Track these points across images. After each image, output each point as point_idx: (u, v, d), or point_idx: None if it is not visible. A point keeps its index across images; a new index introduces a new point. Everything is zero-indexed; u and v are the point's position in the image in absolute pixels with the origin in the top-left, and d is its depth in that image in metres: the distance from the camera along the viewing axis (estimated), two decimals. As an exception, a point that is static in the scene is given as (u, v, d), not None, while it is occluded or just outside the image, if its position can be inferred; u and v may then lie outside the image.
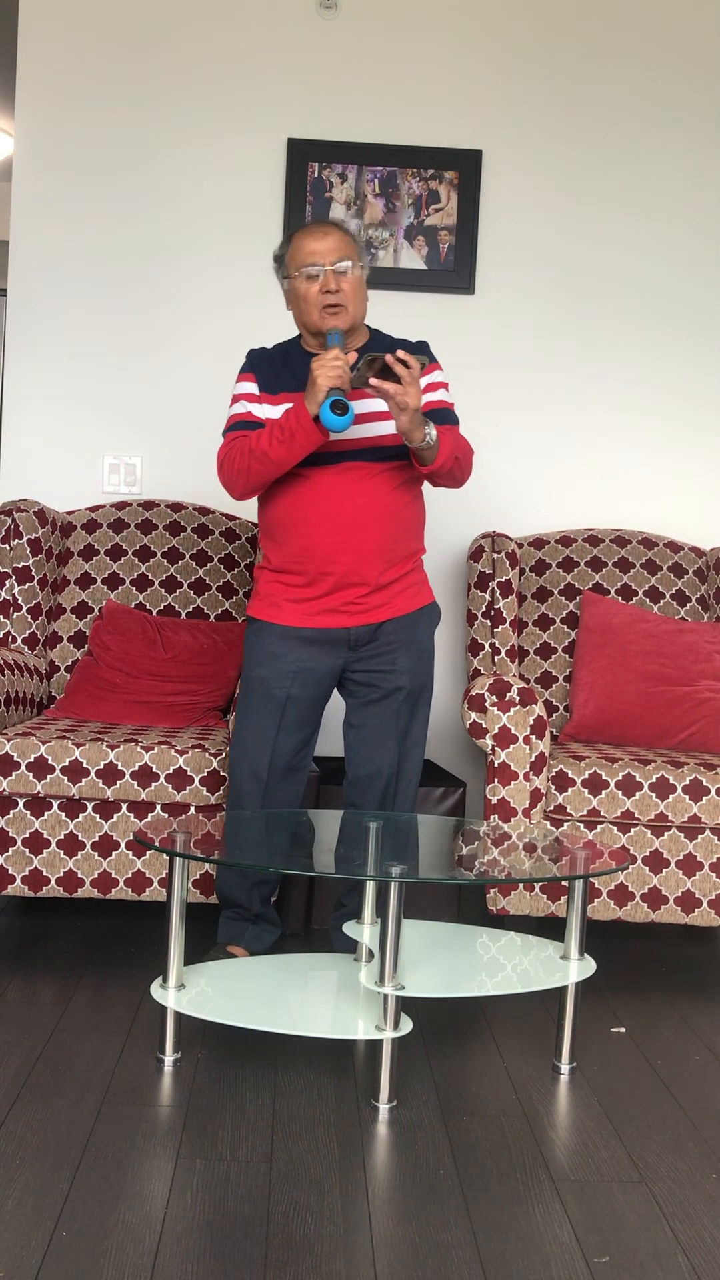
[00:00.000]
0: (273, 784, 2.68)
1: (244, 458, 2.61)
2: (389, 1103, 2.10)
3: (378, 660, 2.69)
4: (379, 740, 2.71)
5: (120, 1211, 1.73)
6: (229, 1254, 1.64)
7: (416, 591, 2.73)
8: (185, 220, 3.75)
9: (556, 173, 3.79)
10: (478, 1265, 1.64)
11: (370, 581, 2.65)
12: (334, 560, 2.63)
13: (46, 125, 3.72)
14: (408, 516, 2.70)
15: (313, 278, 2.62)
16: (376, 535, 2.64)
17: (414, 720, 2.74)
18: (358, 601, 2.66)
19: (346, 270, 2.62)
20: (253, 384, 2.71)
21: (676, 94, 3.78)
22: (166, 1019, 2.25)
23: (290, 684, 2.66)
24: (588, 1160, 1.96)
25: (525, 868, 2.39)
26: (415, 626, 2.72)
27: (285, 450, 2.56)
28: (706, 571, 3.63)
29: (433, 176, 3.74)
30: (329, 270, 2.61)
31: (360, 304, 2.67)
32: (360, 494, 2.63)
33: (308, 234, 2.64)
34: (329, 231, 2.64)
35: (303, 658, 2.66)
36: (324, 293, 2.61)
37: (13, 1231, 1.67)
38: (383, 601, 2.68)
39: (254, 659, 2.70)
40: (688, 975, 2.91)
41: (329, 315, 2.63)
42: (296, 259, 2.64)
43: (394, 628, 2.69)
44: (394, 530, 2.66)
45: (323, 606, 2.66)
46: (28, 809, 2.85)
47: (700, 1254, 1.69)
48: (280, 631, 2.68)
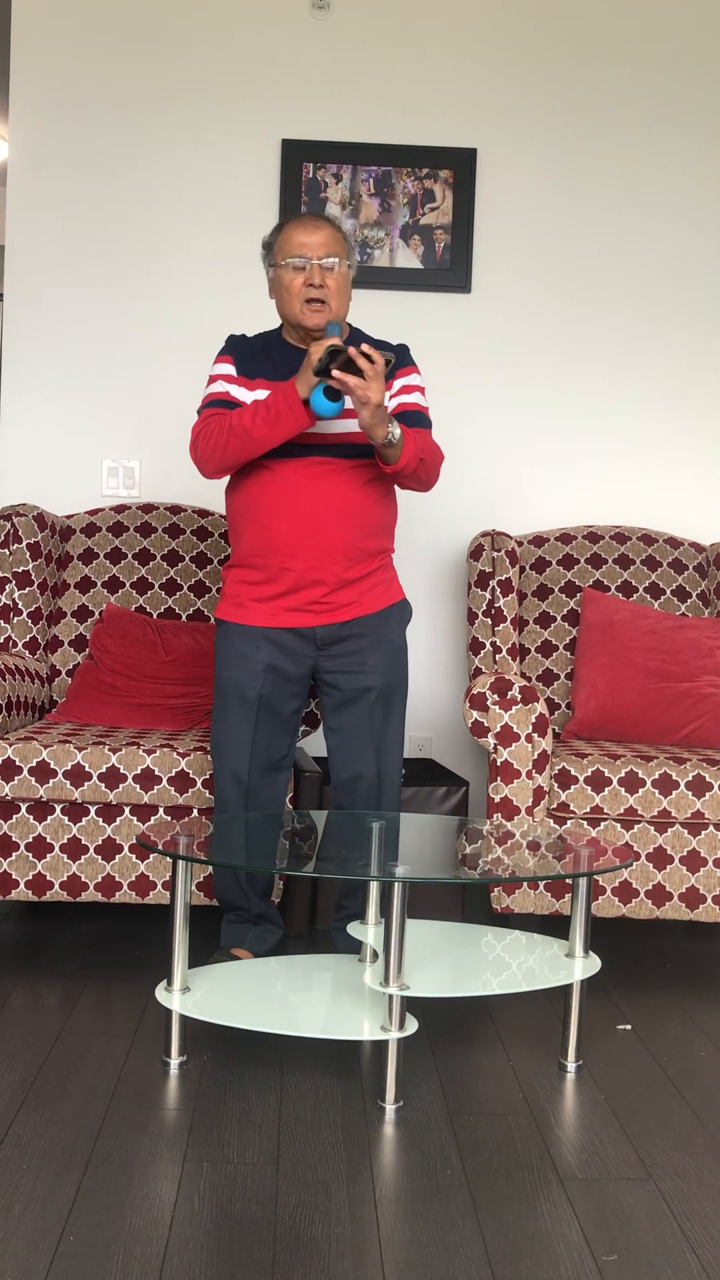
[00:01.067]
0: (254, 785, 2.68)
1: (221, 434, 2.59)
2: (395, 1103, 2.10)
3: (347, 660, 2.68)
4: (355, 744, 2.70)
5: (127, 1215, 1.73)
6: (237, 1256, 1.63)
7: (384, 590, 2.72)
8: (181, 222, 3.75)
9: (552, 171, 3.79)
10: (486, 1265, 1.64)
11: (330, 580, 2.63)
12: (294, 556, 2.62)
13: (41, 128, 3.72)
14: (374, 515, 2.68)
15: (298, 269, 2.61)
16: (339, 532, 2.62)
17: (388, 721, 2.72)
18: (322, 600, 2.64)
19: (333, 266, 2.61)
20: (230, 365, 2.70)
21: (672, 92, 3.78)
22: (171, 1022, 2.25)
23: (261, 684, 2.65)
24: (595, 1158, 1.96)
25: (529, 866, 2.38)
26: (384, 625, 2.70)
27: (269, 429, 2.54)
28: (706, 567, 3.63)
29: (428, 176, 3.74)
30: (315, 264, 2.60)
31: (343, 302, 2.66)
32: (325, 490, 2.61)
33: (299, 225, 2.63)
34: (320, 226, 2.63)
35: (271, 656, 2.65)
36: (308, 286, 2.60)
37: (20, 1236, 1.66)
38: (348, 600, 2.66)
39: (224, 661, 2.69)
40: (693, 971, 2.91)
41: (309, 310, 2.62)
42: (285, 249, 2.63)
43: (362, 627, 2.68)
44: (358, 528, 2.64)
45: (287, 605, 2.65)
46: (30, 814, 2.85)
47: (709, 1251, 1.69)
48: (246, 632, 2.67)
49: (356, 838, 2.46)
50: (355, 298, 3.72)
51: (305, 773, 3.05)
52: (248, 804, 2.68)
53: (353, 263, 2.68)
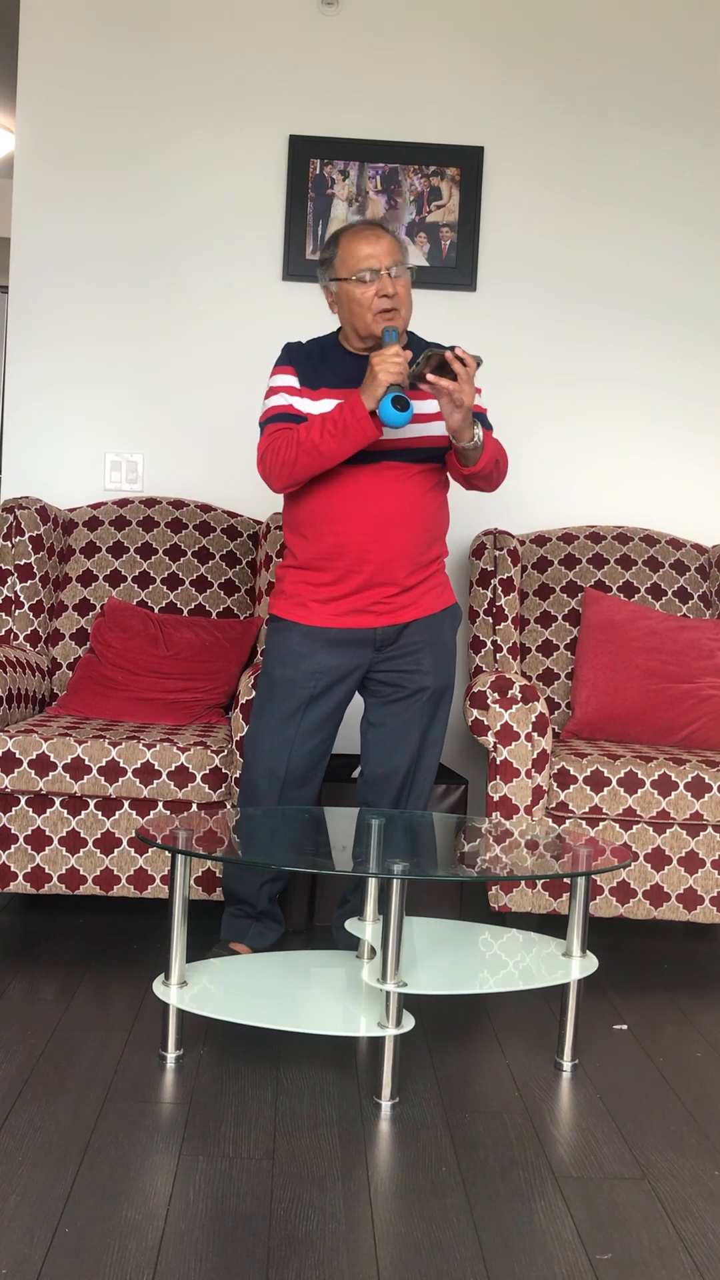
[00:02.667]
0: (289, 788, 2.67)
1: (290, 449, 2.57)
2: (391, 1100, 2.10)
3: (403, 660, 2.69)
4: (399, 739, 2.71)
5: (123, 1208, 1.73)
6: (231, 1250, 1.64)
7: (440, 593, 2.74)
8: (187, 217, 3.75)
9: (559, 169, 3.78)
10: (480, 1262, 1.64)
11: (399, 582, 2.64)
12: (365, 559, 2.62)
13: (48, 122, 3.72)
14: (438, 519, 2.72)
15: (368, 281, 2.58)
16: (409, 536, 2.64)
17: (435, 720, 2.74)
18: (385, 601, 2.65)
19: (404, 273, 2.60)
20: (292, 377, 2.66)
21: (680, 91, 3.78)
22: (169, 1016, 2.25)
23: (313, 685, 2.65)
24: (590, 1157, 1.96)
25: (527, 865, 2.39)
26: (440, 627, 2.72)
27: (338, 444, 2.53)
28: (708, 568, 3.63)
29: (434, 173, 3.74)
30: (385, 274, 2.58)
31: (410, 308, 2.65)
32: (397, 494, 2.62)
33: (359, 236, 2.60)
34: (381, 235, 2.61)
35: (326, 659, 2.65)
36: (381, 296, 2.58)
37: (16, 1228, 1.67)
38: (409, 602, 2.67)
39: (277, 658, 2.68)
40: (690, 972, 2.91)
41: (383, 319, 2.60)
42: (350, 262, 2.59)
43: (418, 628, 2.69)
44: (426, 532, 2.67)
45: (350, 606, 2.64)
46: (30, 806, 2.85)
47: (702, 1250, 1.70)
48: (305, 631, 2.66)
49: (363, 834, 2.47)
50: (360, 295, 3.73)
51: (305, 769, 3.06)
52: (282, 803, 2.68)
53: (412, 266, 2.67)
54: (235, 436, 3.77)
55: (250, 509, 3.74)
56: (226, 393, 3.77)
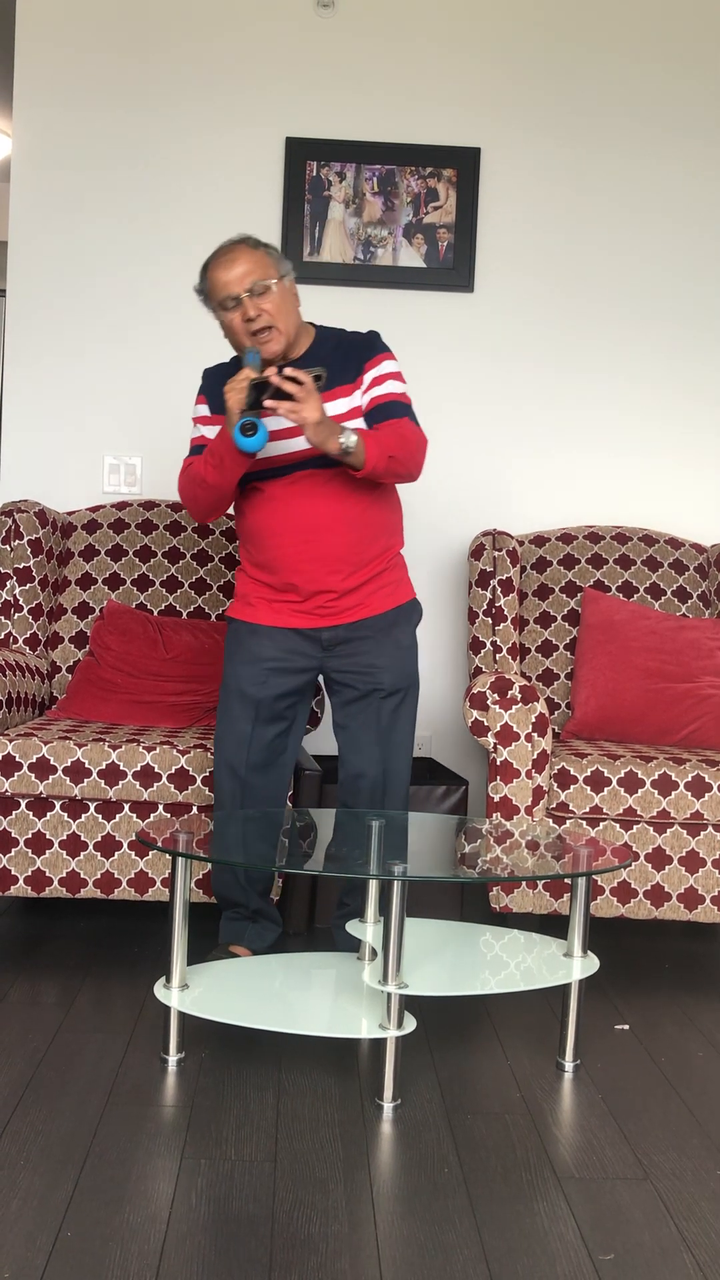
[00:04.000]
0: (251, 781, 2.68)
1: (191, 485, 2.64)
2: (393, 1101, 2.10)
3: (354, 660, 2.68)
4: (361, 741, 2.71)
5: (125, 1212, 1.73)
6: (234, 1254, 1.64)
7: (392, 591, 2.71)
8: (184, 219, 3.75)
9: (556, 170, 3.78)
10: (483, 1263, 1.64)
11: (336, 588, 2.64)
12: (298, 570, 2.63)
13: (45, 125, 3.72)
14: (372, 518, 2.67)
15: (231, 309, 2.58)
16: (338, 542, 2.62)
17: (396, 720, 2.72)
18: (328, 605, 2.65)
19: (266, 290, 2.56)
20: (204, 406, 2.71)
21: (675, 90, 3.78)
22: (170, 1019, 2.25)
23: (265, 681, 2.66)
24: (592, 1158, 1.96)
25: (528, 865, 2.39)
26: (392, 625, 2.70)
27: (218, 475, 2.57)
28: (707, 568, 3.63)
29: (431, 174, 3.74)
30: (245, 297, 2.56)
31: (289, 317, 2.61)
32: (317, 502, 2.61)
33: (216, 265, 2.58)
34: (235, 257, 2.56)
35: (278, 656, 2.67)
36: (246, 321, 2.57)
37: (17, 1232, 1.67)
38: (355, 603, 2.66)
39: (231, 657, 2.72)
40: (691, 972, 2.91)
41: (261, 342, 2.58)
42: (214, 293, 2.59)
43: (369, 628, 2.68)
44: (356, 535, 2.64)
45: (295, 608, 2.67)
46: (30, 810, 2.85)
47: (705, 1250, 1.69)
48: (254, 630, 2.68)
49: (357, 836, 2.47)
50: (359, 297, 3.73)
51: (305, 771, 3.06)
52: (244, 800, 2.68)
53: (285, 271, 2.61)
54: (233, 439, 3.76)
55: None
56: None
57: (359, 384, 2.64)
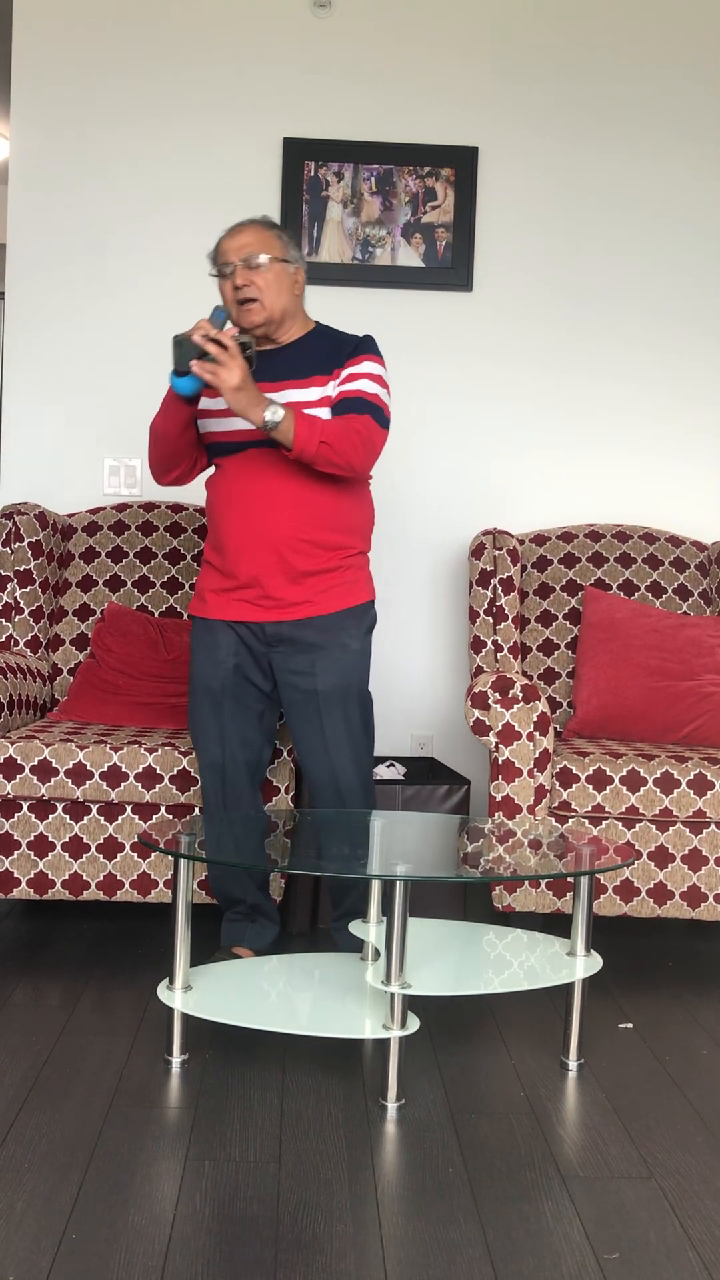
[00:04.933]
0: (232, 776, 2.67)
1: (149, 442, 2.70)
2: (397, 1101, 2.10)
3: (295, 661, 2.64)
4: (305, 746, 2.68)
5: (129, 1213, 1.73)
6: (238, 1255, 1.63)
7: (346, 591, 2.65)
8: (183, 221, 3.75)
9: (553, 169, 3.78)
10: (488, 1263, 1.64)
11: (276, 572, 2.59)
12: (241, 551, 2.61)
13: (43, 127, 3.72)
14: (327, 508, 2.60)
15: (226, 275, 2.61)
16: (283, 524, 2.58)
17: (337, 727, 2.64)
18: (270, 596, 2.61)
19: (259, 264, 2.57)
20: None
21: (673, 89, 3.78)
22: (173, 1020, 2.25)
23: (225, 675, 2.66)
24: (597, 1157, 1.96)
25: (530, 864, 2.38)
26: (339, 629, 2.63)
27: (162, 420, 2.62)
28: (708, 566, 3.63)
29: (429, 174, 3.74)
30: (238, 265, 2.58)
31: (279, 297, 2.60)
32: (266, 480, 2.59)
33: (226, 234, 2.63)
34: (243, 229, 2.61)
35: (232, 649, 2.66)
36: (235, 289, 2.59)
37: (22, 1234, 1.66)
38: (301, 599, 2.61)
39: (193, 654, 2.72)
40: (694, 970, 2.91)
41: (244, 312, 2.60)
42: (216, 260, 2.64)
43: (314, 630, 2.62)
44: (303, 519, 2.58)
45: (241, 598, 2.64)
46: (32, 812, 2.85)
47: (711, 1249, 1.69)
48: (208, 625, 2.69)
49: (354, 836, 2.46)
50: (358, 297, 3.73)
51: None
52: (226, 795, 2.68)
53: (291, 258, 2.62)
54: (233, 440, 3.76)
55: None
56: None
57: (335, 375, 2.61)
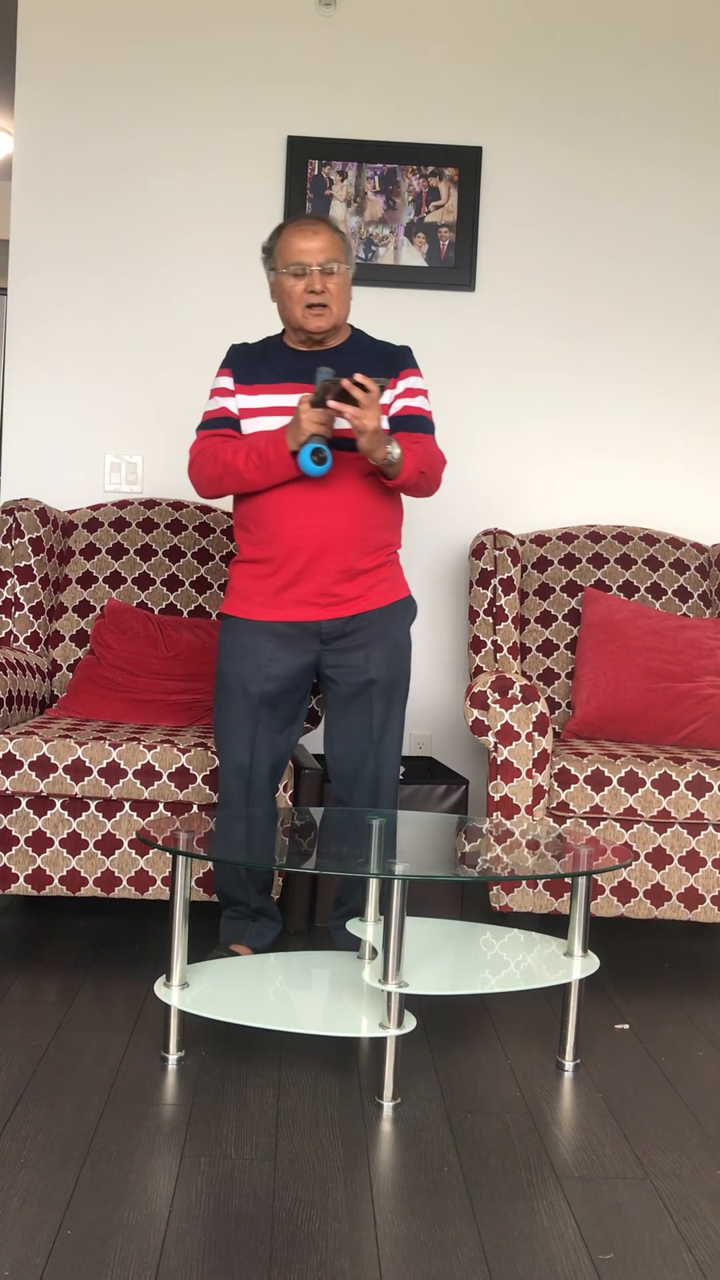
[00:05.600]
0: (258, 779, 2.68)
1: (215, 466, 2.65)
2: (393, 1100, 2.10)
3: (350, 655, 2.69)
4: (355, 739, 2.71)
5: (125, 1209, 1.73)
6: (234, 1251, 1.64)
7: (390, 586, 2.72)
8: (186, 217, 3.75)
9: (557, 169, 3.78)
10: (482, 1262, 1.64)
11: (336, 571, 2.64)
12: (301, 545, 2.63)
13: (47, 124, 3.72)
14: (379, 508, 2.69)
15: (299, 275, 2.62)
16: (345, 520, 2.63)
17: (388, 716, 2.72)
18: (328, 593, 2.65)
19: (334, 270, 2.62)
20: (228, 378, 2.73)
21: (677, 90, 3.78)
22: (170, 1017, 2.25)
23: (265, 679, 2.66)
24: (592, 1157, 1.96)
25: (528, 865, 2.39)
26: (389, 621, 2.71)
27: (260, 475, 2.61)
28: (708, 568, 3.63)
29: (433, 173, 3.74)
30: (315, 270, 2.60)
31: (344, 304, 2.67)
32: (330, 485, 2.63)
33: (297, 230, 2.64)
34: (319, 230, 2.63)
35: (275, 652, 2.66)
36: (309, 292, 2.61)
37: (18, 1230, 1.67)
38: (355, 594, 2.67)
39: (227, 655, 2.70)
40: (691, 971, 2.91)
41: (311, 315, 2.63)
42: (284, 255, 2.63)
43: (366, 623, 2.68)
44: (365, 517, 2.66)
45: (293, 598, 2.65)
46: (30, 808, 2.85)
47: (705, 1250, 1.69)
48: (252, 626, 2.68)
49: (356, 834, 2.47)
50: (360, 296, 3.73)
51: (305, 769, 3.06)
52: (250, 798, 2.68)
53: (352, 264, 2.69)
54: (234, 437, 3.76)
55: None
56: (226, 394, 3.77)
57: (392, 385, 2.69)
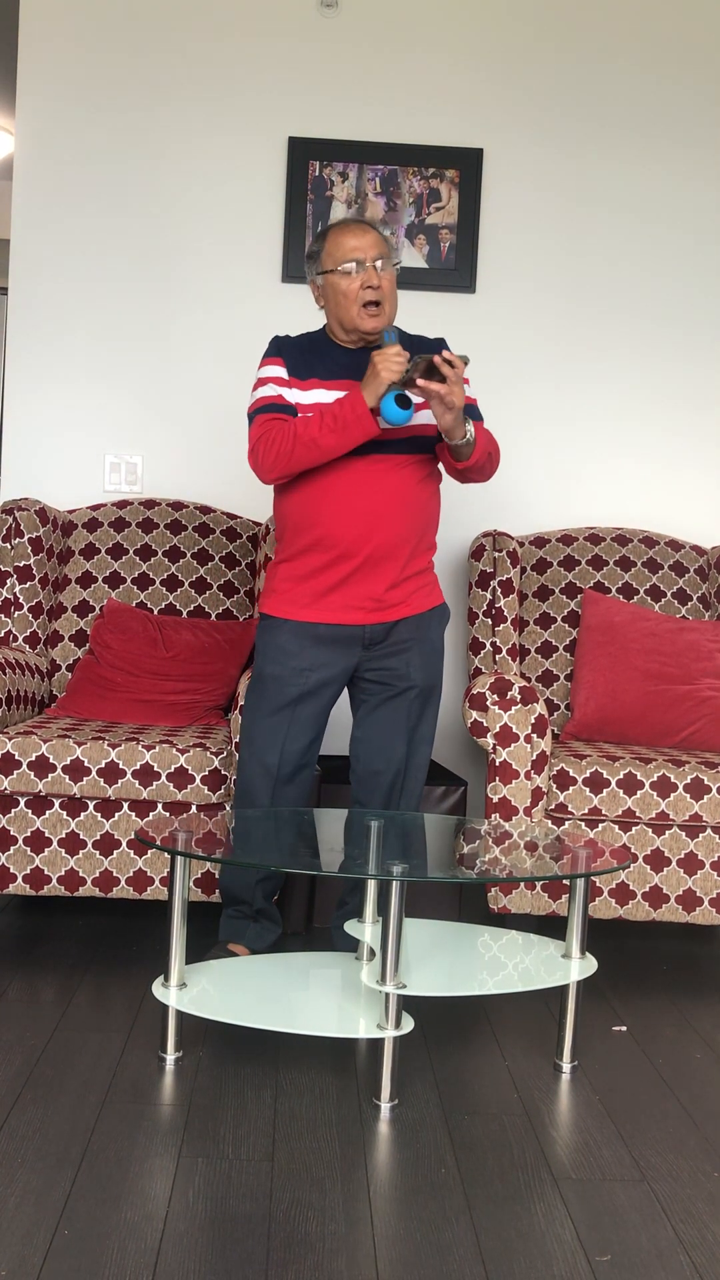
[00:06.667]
0: (281, 783, 2.68)
1: (287, 441, 2.57)
2: (390, 1101, 2.10)
3: (392, 659, 2.69)
4: (388, 736, 2.71)
5: (122, 1210, 1.73)
6: (231, 1252, 1.64)
7: (429, 592, 2.74)
8: (186, 218, 3.75)
9: (558, 171, 3.79)
10: (479, 1264, 1.64)
11: (391, 574, 2.64)
12: (355, 551, 2.61)
13: (47, 124, 3.72)
14: (430, 510, 2.72)
15: (353, 273, 2.61)
16: (401, 527, 2.64)
17: (424, 717, 2.74)
18: (374, 599, 2.65)
19: (387, 268, 2.63)
20: (281, 368, 2.66)
21: (679, 95, 3.78)
22: (168, 1018, 2.25)
23: (302, 682, 2.65)
24: (589, 1159, 1.96)
25: (526, 866, 2.39)
26: (428, 626, 2.72)
27: (337, 439, 2.54)
28: (707, 570, 3.63)
29: (433, 175, 3.74)
30: (370, 267, 2.60)
31: (395, 303, 2.68)
32: (387, 485, 2.62)
33: (346, 230, 2.63)
34: (367, 229, 2.64)
35: (315, 656, 2.65)
36: (365, 288, 2.60)
37: (15, 1230, 1.67)
38: (399, 600, 2.67)
39: (266, 656, 2.68)
40: (689, 974, 2.91)
41: (367, 315, 2.62)
42: (336, 254, 2.62)
43: (407, 628, 2.69)
44: (417, 523, 2.67)
45: (339, 602, 2.64)
46: (29, 808, 2.85)
47: (702, 1252, 1.70)
48: (294, 628, 2.66)
49: (361, 835, 2.47)
50: (360, 296, 3.73)
51: (304, 770, 3.05)
52: (274, 799, 2.68)
53: (398, 262, 2.70)
54: (235, 438, 3.77)
55: (250, 511, 3.75)
56: (226, 394, 3.77)
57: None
